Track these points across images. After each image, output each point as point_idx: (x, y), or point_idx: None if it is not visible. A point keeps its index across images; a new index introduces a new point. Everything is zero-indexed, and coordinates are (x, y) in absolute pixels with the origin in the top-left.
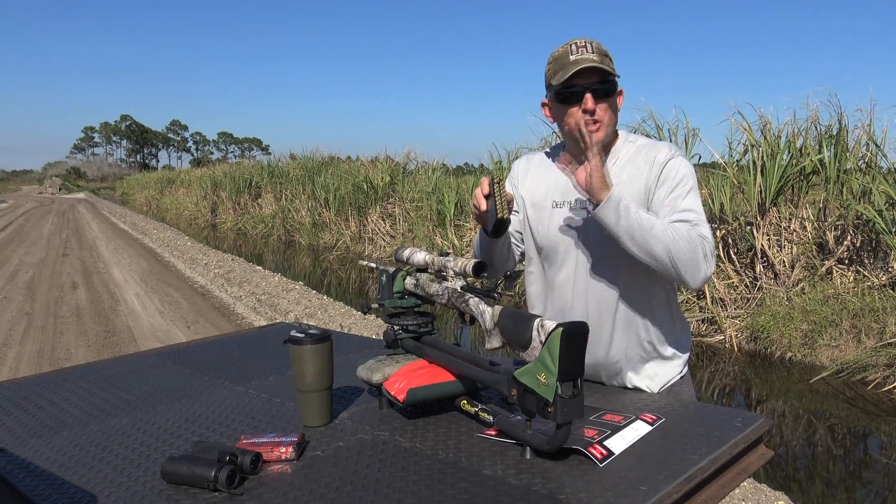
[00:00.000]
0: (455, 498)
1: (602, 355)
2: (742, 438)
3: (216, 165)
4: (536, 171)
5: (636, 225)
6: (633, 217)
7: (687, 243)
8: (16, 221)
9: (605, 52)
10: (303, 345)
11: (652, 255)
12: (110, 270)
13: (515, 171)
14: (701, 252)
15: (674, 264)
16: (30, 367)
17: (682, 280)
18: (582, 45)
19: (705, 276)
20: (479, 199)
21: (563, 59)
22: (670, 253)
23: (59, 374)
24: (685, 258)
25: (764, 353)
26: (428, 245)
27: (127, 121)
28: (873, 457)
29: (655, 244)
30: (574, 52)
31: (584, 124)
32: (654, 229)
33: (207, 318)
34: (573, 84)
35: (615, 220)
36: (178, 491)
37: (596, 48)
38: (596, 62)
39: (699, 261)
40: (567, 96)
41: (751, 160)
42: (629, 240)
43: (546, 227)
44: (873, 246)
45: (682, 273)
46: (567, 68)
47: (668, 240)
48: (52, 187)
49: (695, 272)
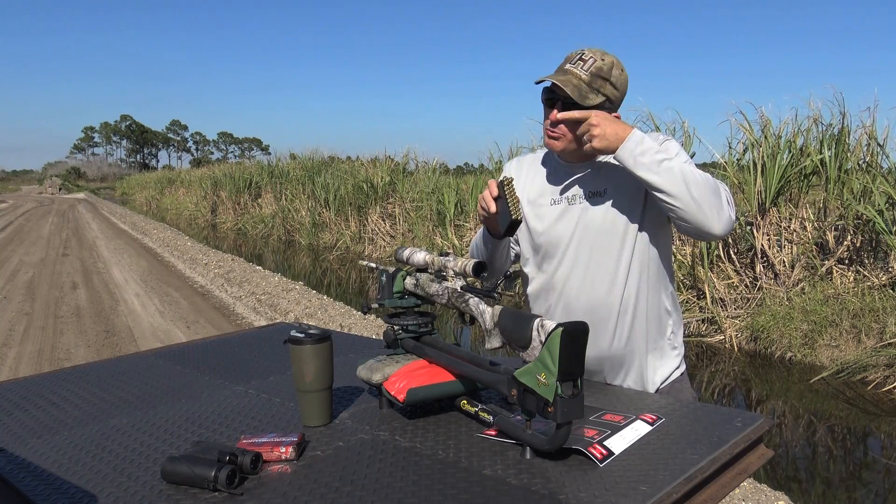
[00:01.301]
0: (455, 498)
1: (605, 348)
2: (742, 438)
3: (216, 165)
4: (529, 171)
5: (675, 167)
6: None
7: (709, 183)
8: (16, 221)
9: (595, 72)
10: (303, 345)
11: (677, 190)
12: (110, 270)
13: (507, 172)
14: (724, 195)
15: (698, 203)
16: (30, 367)
17: (706, 225)
18: (576, 59)
19: (729, 219)
20: (487, 202)
21: (562, 63)
22: (695, 187)
23: (59, 374)
24: (709, 199)
25: (764, 353)
26: (428, 245)
27: (127, 121)
28: (873, 457)
29: (680, 178)
30: (565, 63)
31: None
32: (679, 164)
33: (207, 318)
34: (550, 91)
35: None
36: (178, 491)
37: (588, 67)
38: (560, 82)
39: (723, 203)
40: (545, 101)
41: (751, 160)
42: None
43: (545, 225)
44: (873, 246)
45: (706, 214)
46: (547, 78)
47: (694, 176)
48: (52, 187)
49: (720, 214)
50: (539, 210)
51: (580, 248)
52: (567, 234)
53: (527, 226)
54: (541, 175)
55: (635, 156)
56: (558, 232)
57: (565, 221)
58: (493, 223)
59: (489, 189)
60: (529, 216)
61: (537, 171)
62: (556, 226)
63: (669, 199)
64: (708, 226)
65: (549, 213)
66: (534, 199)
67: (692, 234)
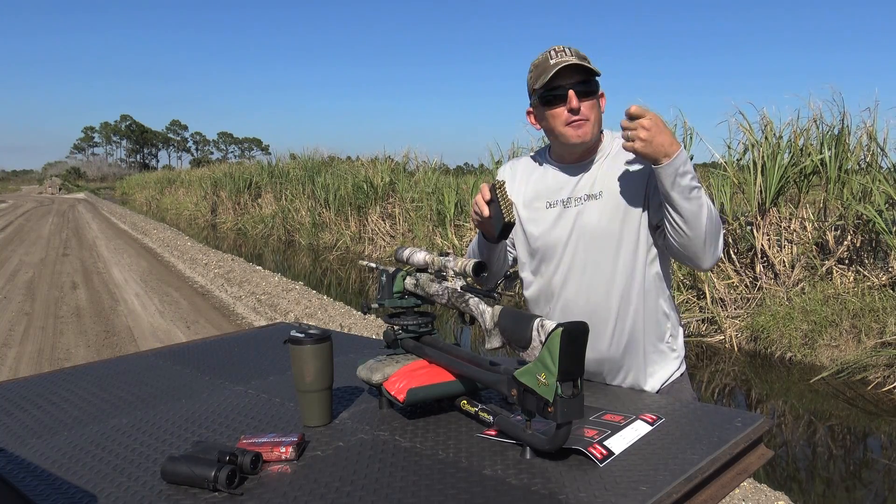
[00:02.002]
0: (455, 498)
1: (604, 351)
2: (742, 438)
3: (216, 165)
4: (523, 175)
5: (704, 199)
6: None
7: (719, 221)
8: (16, 221)
9: (583, 55)
10: (303, 345)
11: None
12: (110, 270)
13: (501, 176)
14: (722, 233)
15: (705, 238)
16: (30, 367)
17: (700, 257)
18: (560, 50)
19: (718, 258)
20: (481, 206)
21: (544, 64)
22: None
23: (59, 374)
24: (714, 236)
25: (764, 353)
26: (428, 245)
27: (127, 121)
28: (873, 457)
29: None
30: (553, 57)
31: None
32: (706, 196)
33: (207, 318)
34: (556, 86)
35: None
36: (178, 491)
37: (574, 52)
38: (576, 61)
39: (720, 243)
40: (550, 99)
41: (751, 160)
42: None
43: (541, 228)
44: (873, 246)
45: (706, 247)
46: (548, 71)
47: (712, 211)
48: (52, 187)
49: (714, 252)
50: (535, 214)
51: (577, 251)
52: (563, 237)
53: (523, 230)
54: (535, 178)
55: (677, 175)
56: (554, 236)
57: (561, 225)
58: (487, 227)
59: (481, 193)
60: (525, 220)
61: (532, 175)
62: (552, 230)
63: (685, 226)
64: (701, 259)
65: (544, 217)
66: (529, 203)
67: (681, 258)
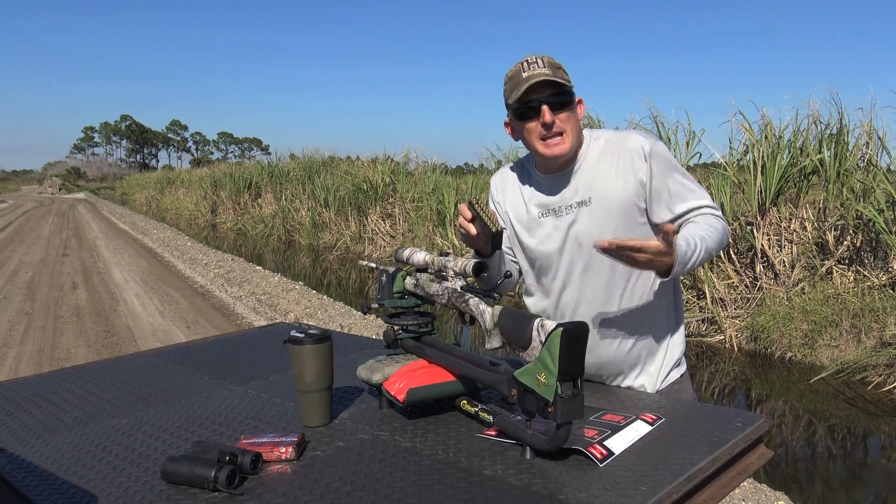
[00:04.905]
0: (455, 498)
1: (604, 354)
2: (742, 438)
3: (216, 165)
4: (513, 186)
5: (704, 255)
6: (699, 253)
7: (723, 234)
8: (16, 221)
9: (557, 65)
10: (303, 345)
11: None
12: (110, 270)
13: (494, 189)
14: (728, 235)
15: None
16: (30, 367)
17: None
18: (533, 62)
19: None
20: (466, 226)
21: (517, 77)
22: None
23: (59, 374)
24: (718, 250)
25: (764, 353)
26: (428, 245)
27: (127, 121)
28: (873, 457)
29: (713, 252)
30: (526, 69)
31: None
32: (709, 243)
33: (207, 318)
34: (529, 99)
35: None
36: (178, 491)
37: (547, 62)
38: (548, 75)
39: (726, 243)
40: (524, 112)
41: (751, 160)
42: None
43: (536, 238)
44: (873, 246)
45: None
46: (521, 85)
47: (716, 243)
48: (52, 187)
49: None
50: (529, 224)
51: (573, 258)
52: (558, 246)
53: (519, 241)
54: (525, 189)
55: (683, 272)
56: (550, 245)
57: (555, 234)
58: (478, 243)
59: (462, 214)
60: (520, 233)
61: (521, 186)
62: (547, 240)
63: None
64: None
65: (538, 228)
66: (522, 213)
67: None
